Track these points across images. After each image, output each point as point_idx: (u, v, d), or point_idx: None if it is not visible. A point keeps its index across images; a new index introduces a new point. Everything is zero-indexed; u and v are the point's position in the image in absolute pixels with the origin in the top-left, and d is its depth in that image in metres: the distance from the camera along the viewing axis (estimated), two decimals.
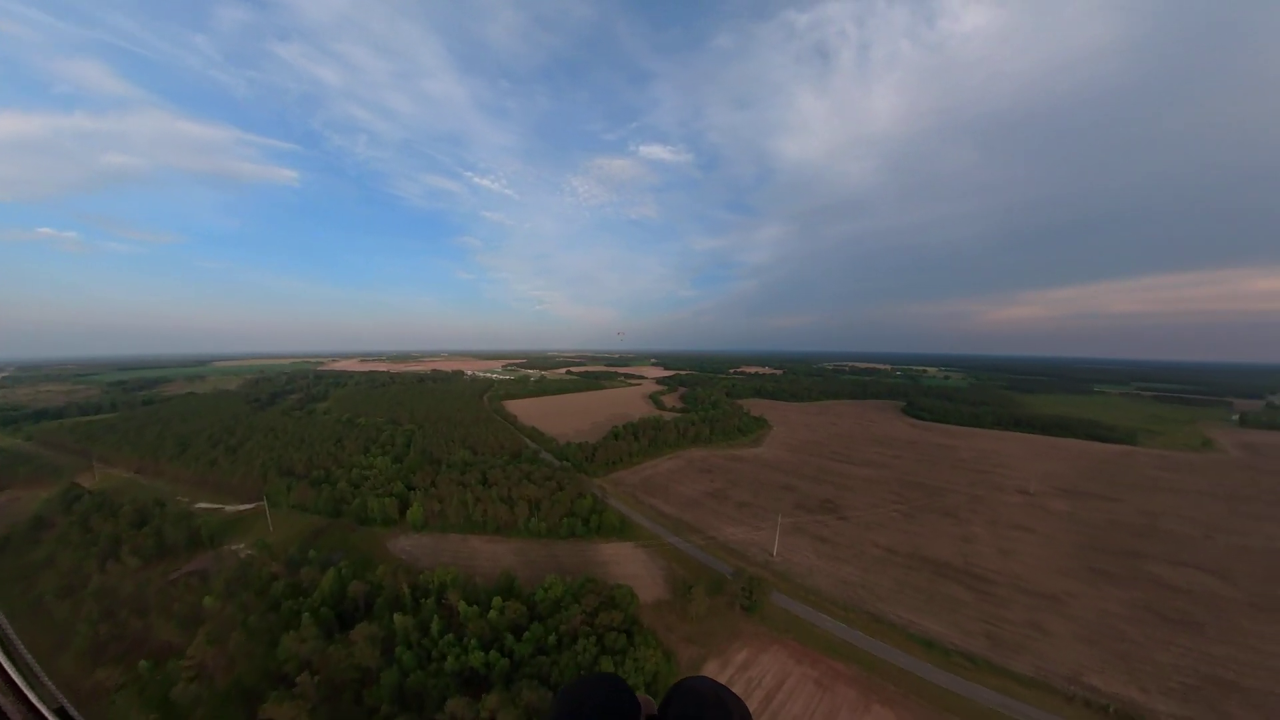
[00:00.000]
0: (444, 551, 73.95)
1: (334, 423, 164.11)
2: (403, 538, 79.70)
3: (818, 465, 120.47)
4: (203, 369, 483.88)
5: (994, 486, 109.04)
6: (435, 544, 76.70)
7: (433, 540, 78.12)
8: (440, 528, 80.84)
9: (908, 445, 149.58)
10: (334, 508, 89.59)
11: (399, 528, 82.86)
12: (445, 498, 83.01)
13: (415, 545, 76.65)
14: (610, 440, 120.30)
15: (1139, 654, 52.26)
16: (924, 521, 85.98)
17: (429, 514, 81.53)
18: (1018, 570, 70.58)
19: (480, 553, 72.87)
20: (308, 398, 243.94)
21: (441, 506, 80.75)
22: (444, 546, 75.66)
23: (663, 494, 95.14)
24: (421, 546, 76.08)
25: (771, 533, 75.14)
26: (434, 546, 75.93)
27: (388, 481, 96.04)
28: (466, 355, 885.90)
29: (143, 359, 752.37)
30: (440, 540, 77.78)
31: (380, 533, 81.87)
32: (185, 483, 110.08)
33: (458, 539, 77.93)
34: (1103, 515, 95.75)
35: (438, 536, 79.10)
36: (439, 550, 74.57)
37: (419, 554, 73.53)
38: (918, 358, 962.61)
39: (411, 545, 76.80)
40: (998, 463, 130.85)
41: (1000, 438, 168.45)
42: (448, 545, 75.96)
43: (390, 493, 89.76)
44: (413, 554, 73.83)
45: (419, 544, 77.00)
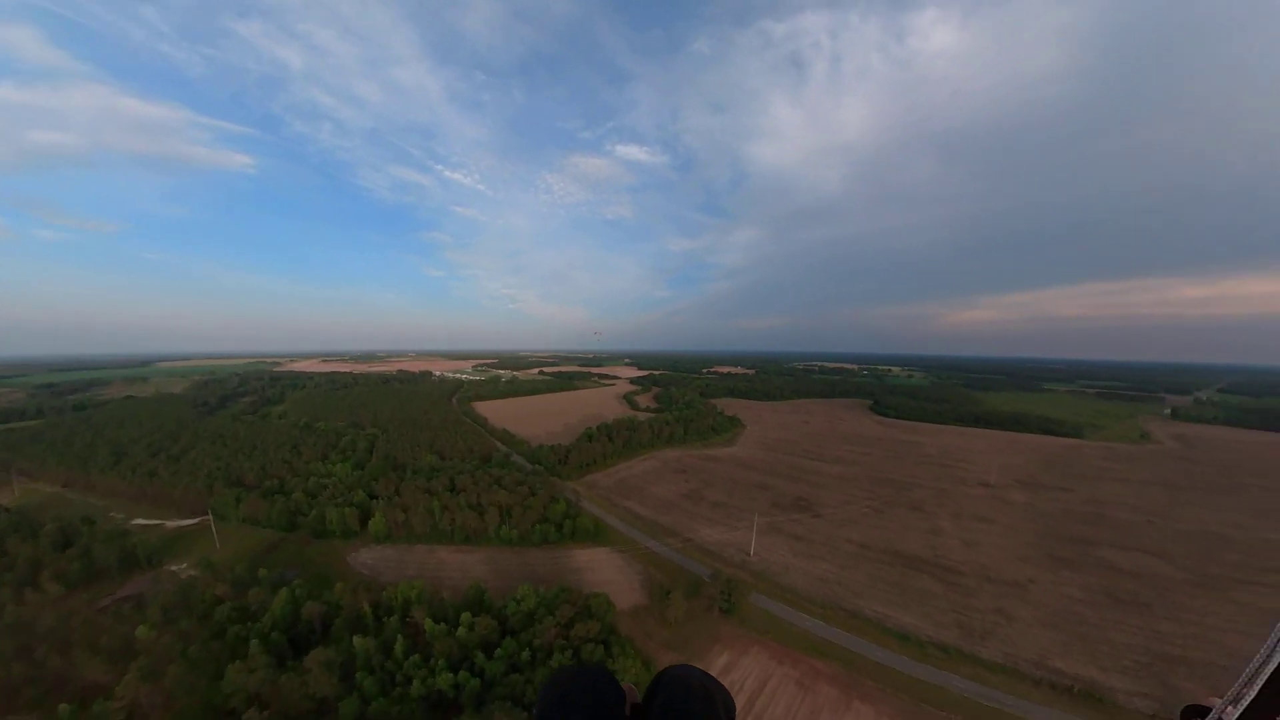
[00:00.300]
0: (409, 564, 70.21)
1: (290, 427, 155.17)
2: (364, 550, 75.33)
3: (791, 463, 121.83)
4: (145, 370, 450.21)
5: (958, 480, 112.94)
6: (400, 556, 72.78)
7: (397, 552, 74.13)
8: (405, 538, 76.84)
9: (876, 442, 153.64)
10: (288, 520, 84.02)
11: (360, 540, 78.31)
12: (410, 506, 79.00)
13: (378, 558, 72.53)
14: (584, 442, 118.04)
15: (1096, 635, 54.98)
16: (894, 516, 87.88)
17: (393, 524, 77.39)
18: (983, 560, 72.90)
19: (448, 564, 69.55)
20: (262, 401, 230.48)
21: (406, 516, 76.76)
22: (409, 559, 71.88)
23: (638, 496, 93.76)
24: (385, 559, 72.06)
25: (748, 532, 74.92)
26: (398, 559, 72.03)
27: (348, 490, 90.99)
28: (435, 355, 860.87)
29: (78, 359, 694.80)
30: (405, 552, 73.89)
31: (340, 546, 77.15)
32: (120, 497, 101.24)
33: (424, 550, 74.23)
34: (1057, 505, 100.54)
35: (402, 548, 75.13)
36: (404, 563, 70.78)
37: (382, 568, 69.56)
38: (883, 358, 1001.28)
39: (374, 558, 72.63)
40: (960, 457, 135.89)
41: (962, 433, 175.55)
42: (413, 557, 72.21)
43: (350, 502, 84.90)
44: (375, 568, 69.80)
45: (382, 557, 72.91)
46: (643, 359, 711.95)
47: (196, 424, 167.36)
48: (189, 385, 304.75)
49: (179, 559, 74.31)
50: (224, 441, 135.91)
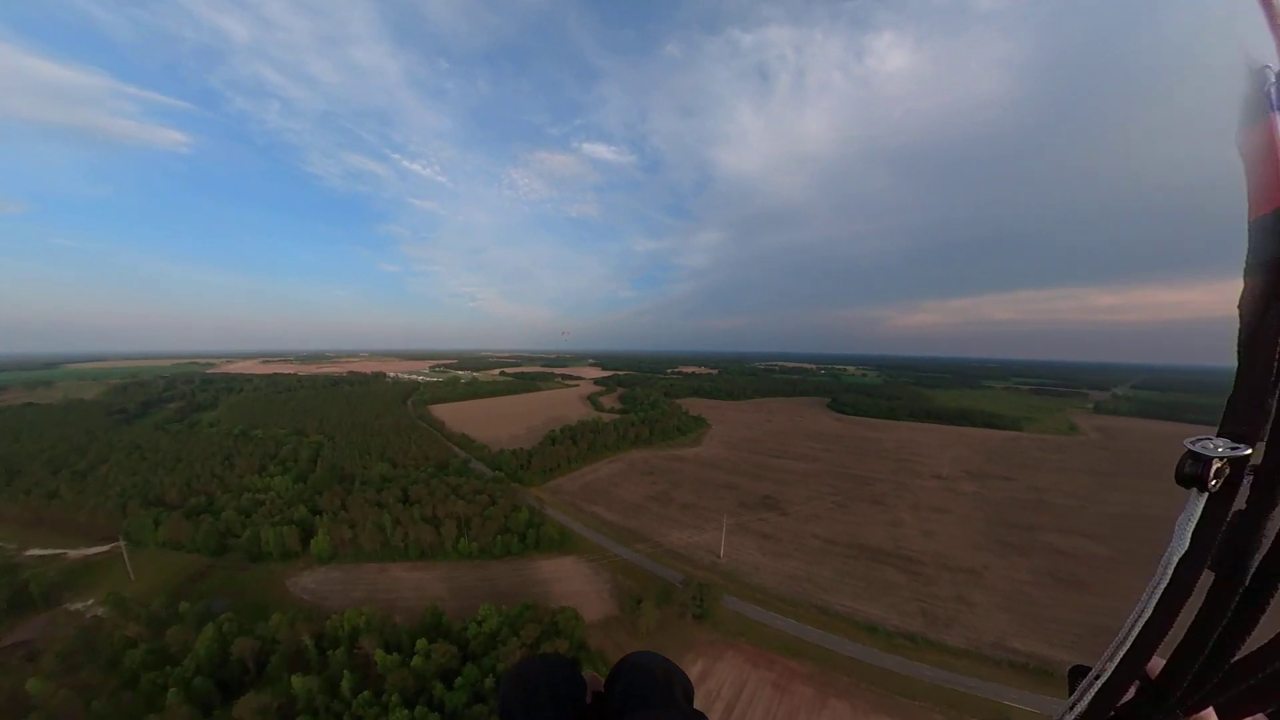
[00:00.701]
0: (358, 586, 64.71)
1: (222, 437, 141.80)
2: (306, 574, 68.88)
3: (756, 462, 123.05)
4: (50, 373, 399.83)
5: (913, 473, 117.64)
6: (347, 578, 67.02)
7: (344, 573, 68.24)
8: (353, 557, 70.90)
9: (836, 439, 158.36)
10: (217, 543, 75.78)
11: (302, 562, 71.58)
12: (358, 521, 73.09)
13: (322, 582, 66.47)
14: (547, 445, 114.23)
15: (1045, 614, 58.30)
16: (856, 510, 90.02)
17: (338, 542, 71.28)
18: (941, 549, 75.74)
19: (402, 583, 64.61)
20: (191, 407, 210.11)
21: (354, 532, 70.89)
22: (358, 580, 66.30)
23: (604, 500, 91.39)
24: (330, 582, 66.12)
25: (717, 533, 74.28)
26: (346, 581, 66.28)
27: (287, 506, 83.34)
28: (390, 355, 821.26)
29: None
30: (353, 572, 68.14)
31: (278, 570, 70.19)
32: (11, 523, 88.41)
33: (374, 569, 68.73)
34: (1003, 493, 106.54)
35: (350, 568, 69.26)
36: (351, 585, 65.17)
37: (327, 592, 63.70)
38: (839, 357, 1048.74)
39: (317, 582, 66.50)
40: (914, 451, 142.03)
41: (914, 428, 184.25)
42: (362, 578, 66.67)
43: (290, 519, 77.65)
44: (319, 593, 63.80)
45: (327, 580, 66.89)
46: (607, 359, 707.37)
47: (110, 435, 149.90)
48: (104, 390, 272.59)
49: (82, 595, 65.08)
50: (142, 454, 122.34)
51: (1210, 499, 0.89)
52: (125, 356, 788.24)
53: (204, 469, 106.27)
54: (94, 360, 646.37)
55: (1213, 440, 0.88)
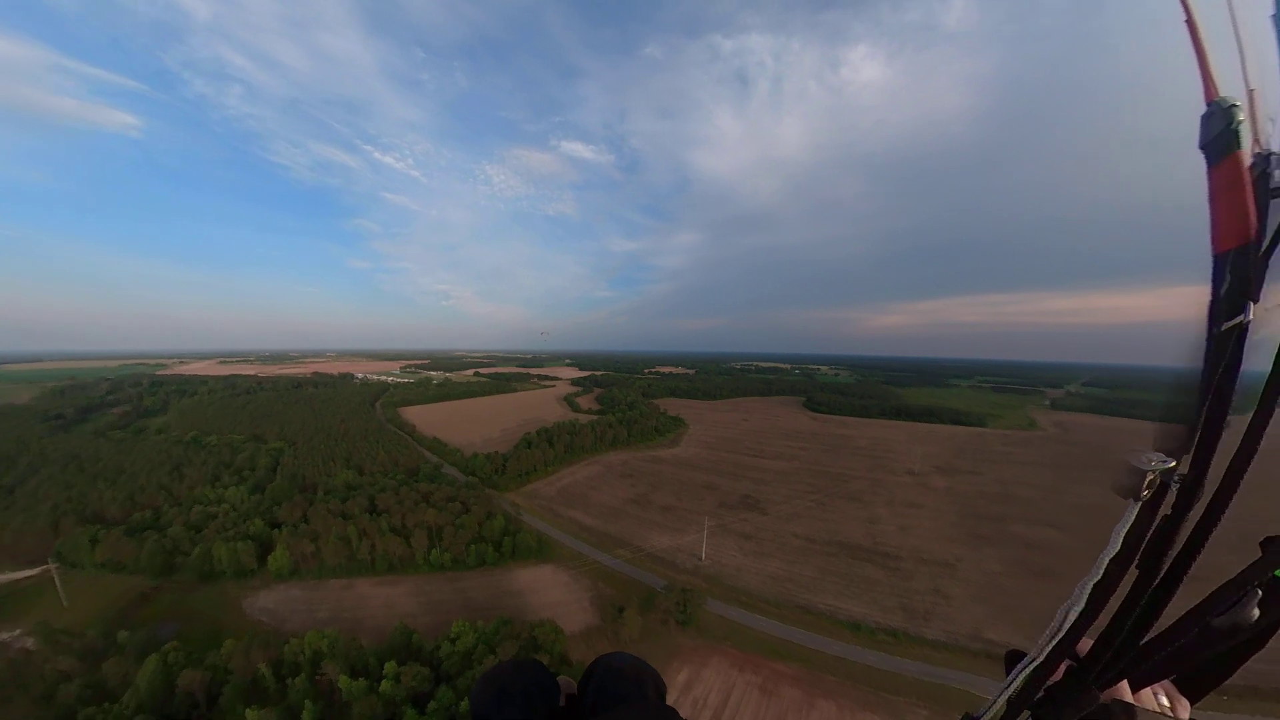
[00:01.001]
0: (321, 605, 60.82)
1: (172, 444, 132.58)
2: (264, 593, 64.35)
3: (735, 461, 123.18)
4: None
5: (887, 470, 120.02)
6: (309, 596, 62.93)
7: (305, 591, 64.06)
8: (315, 573, 66.66)
9: (812, 437, 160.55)
10: (163, 562, 70.12)
11: (258, 580, 66.86)
12: (321, 534, 68.85)
13: (281, 601, 62.17)
14: (522, 449, 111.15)
15: (1017, 604, 59.80)
16: (835, 508, 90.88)
17: (299, 557, 66.93)
18: (916, 544, 77.12)
19: (369, 600, 61.06)
20: (137, 411, 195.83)
21: (316, 546, 66.69)
22: (321, 598, 62.33)
23: (582, 505, 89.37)
24: (290, 602, 61.92)
25: (698, 536, 73.39)
26: (307, 600, 62.21)
27: (242, 519, 77.99)
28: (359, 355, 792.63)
29: None
30: (315, 590, 64.05)
31: (232, 590, 65.33)
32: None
33: (339, 585, 64.79)
34: (972, 487, 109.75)
35: (312, 586, 65.08)
36: (314, 604, 61.22)
37: (287, 613, 59.57)
38: (812, 357, 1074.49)
39: (276, 602, 62.17)
40: (887, 448, 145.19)
41: (886, 426, 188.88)
42: (326, 596, 62.73)
43: (245, 534, 72.60)
44: (278, 614, 59.59)
45: (286, 599, 62.62)
46: (584, 359, 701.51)
47: (44, 443, 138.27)
48: (39, 393, 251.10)
49: (8, 625, 59.05)
50: (80, 465, 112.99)
51: (1142, 507, 1.04)
52: (66, 357, 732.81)
53: (149, 480, 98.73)
54: (30, 361, 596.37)
55: (1149, 454, 0.99)
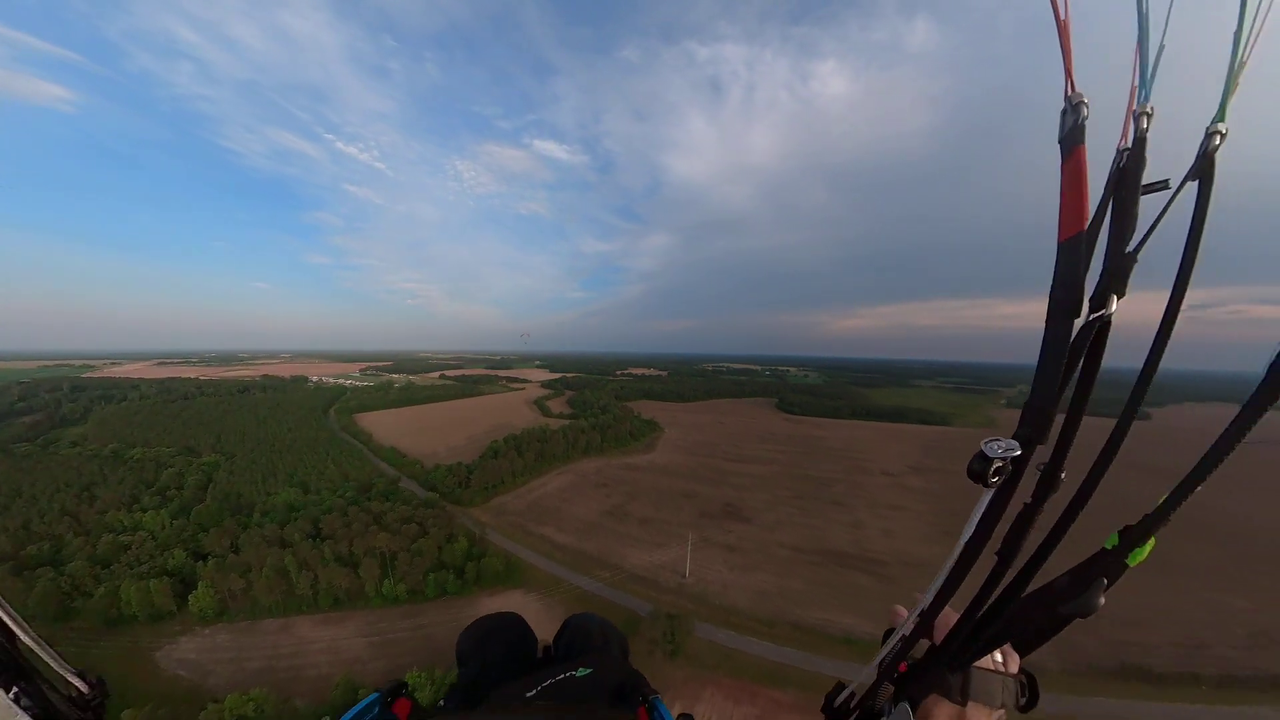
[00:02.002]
0: (252, 652, 52.60)
1: (86, 460, 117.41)
2: (184, 640, 55.30)
3: (713, 467, 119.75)
4: None
5: (864, 471, 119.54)
6: (238, 642, 54.44)
7: (234, 636, 55.47)
8: (247, 613, 58.06)
9: (788, 439, 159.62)
10: (60, 605, 59.73)
11: (178, 623, 57.63)
12: (254, 565, 60.24)
13: (204, 650, 53.47)
14: (489, 459, 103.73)
15: None
16: (818, 513, 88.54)
17: (227, 594, 58.18)
18: (899, 546, 75.55)
19: (310, 645, 53.27)
20: (52, 421, 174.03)
21: (247, 580, 58.14)
22: (252, 644, 54.03)
23: (555, 520, 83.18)
24: (215, 650, 53.34)
25: (680, 550, 68.96)
26: (236, 647, 53.75)
27: (160, 550, 67.95)
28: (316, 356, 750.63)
29: None
30: (247, 634, 55.60)
31: (144, 637, 55.84)
32: None
33: (275, 627, 56.58)
34: (944, 486, 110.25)
35: (242, 629, 56.55)
36: (244, 651, 52.90)
37: (211, 665, 51.11)
38: (781, 359, 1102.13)
39: (198, 651, 53.41)
40: (861, 449, 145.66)
41: (857, 426, 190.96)
42: (259, 641, 54.45)
43: (163, 568, 63.01)
44: (200, 667, 51.03)
45: (211, 647, 53.93)
46: (555, 361, 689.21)
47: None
48: None
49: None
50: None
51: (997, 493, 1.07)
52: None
53: (51, 505, 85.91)
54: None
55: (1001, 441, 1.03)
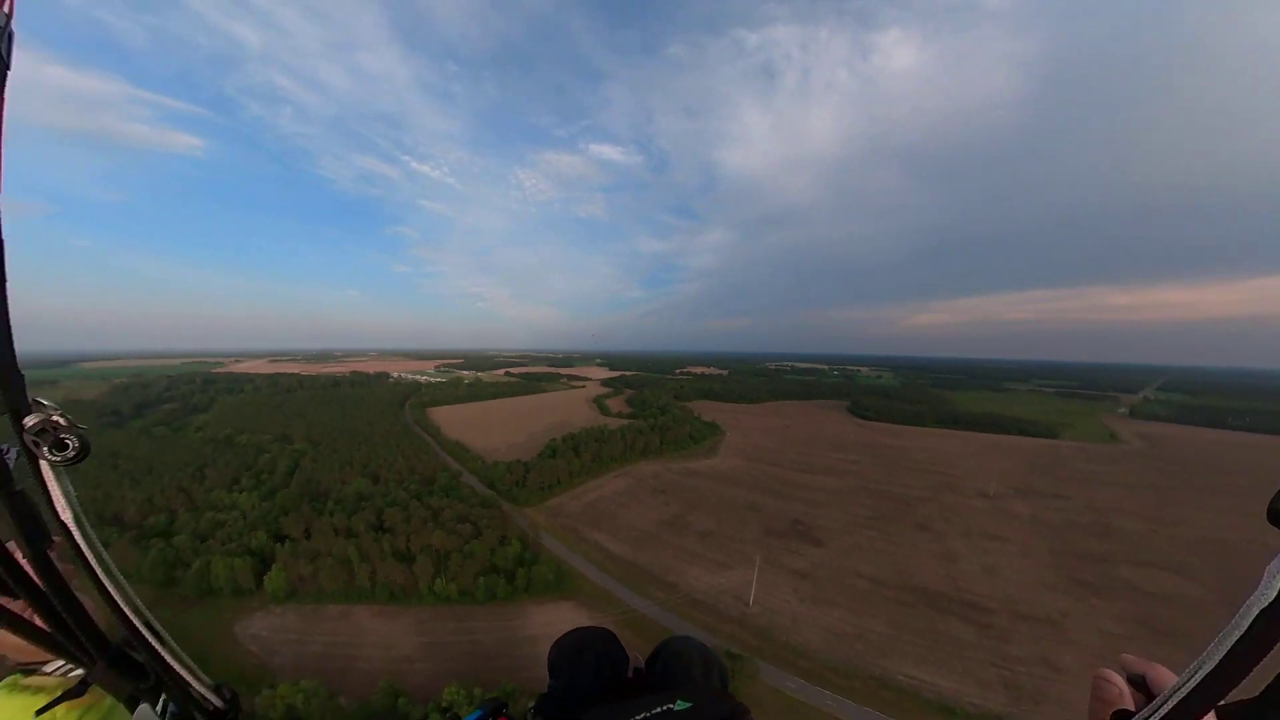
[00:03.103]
0: (314, 636, 54.15)
1: (204, 443, 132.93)
2: (258, 616, 58.44)
3: (780, 477, 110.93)
4: (60, 371, 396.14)
5: (954, 490, 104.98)
6: (304, 624, 56.48)
7: (301, 618, 57.71)
8: (313, 597, 60.33)
9: (862, 448, 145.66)
10: (165, 574, 65.77)
11: (255, 600, 61.22)
12: (322, 553, 62.58)
13: (275, 629, 55.97)
14: (546, 458, 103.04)
15: None
16: (901, 539, 77.79)
17: (297, 578, 60.81)
18: (1008, 591, 63.73)
19: (366, 635, 53.89)
20: (187, 409, 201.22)
21: (315, 567, 60.35)
22: (316, 627, 55.74)
23: (609, 526, 79.82)
24: (283, 630, 55.61)
25: (744, 571, 62.76)
26: (301, 628, 55.74)
27: (248, 530, 73.09)
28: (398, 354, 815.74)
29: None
30: (312, 617, 57.60)
31: (227, 610, 59.86)
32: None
33: (337, 613, 58.13)
34: (1059, 515, 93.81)
35: (309, 611, 58.73)
36: (308, 634, 54.63)
37: (278, 644, 53.22)
38: (849, 357, 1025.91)
39: (269, 629, 56.03)
40: (948, 463, 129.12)
41: (942, 436, 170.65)
42: (321, 625, 56.10)
43: (247, 548, 67.44)
44: (268, 645, 53.35)
45: (280, 627, 56.37)
46: (614, 359, 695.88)
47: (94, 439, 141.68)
48: (107, 389, 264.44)
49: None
50: (117, 463, 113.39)
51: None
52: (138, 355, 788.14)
53: (171, 482, 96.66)
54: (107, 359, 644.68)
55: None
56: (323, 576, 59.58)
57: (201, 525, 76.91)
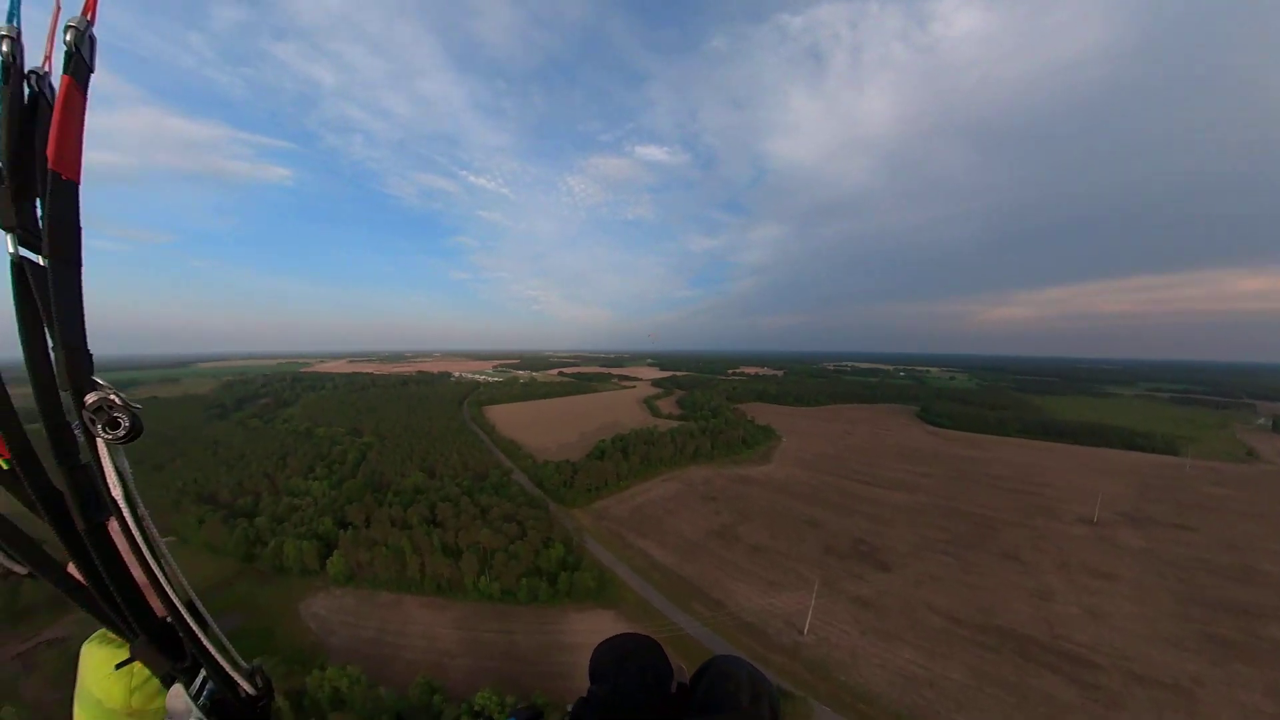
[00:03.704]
0: (368, 620, 56.29)
1: (287, 435, 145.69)
2: (321, 596, 61.92)
3: (841, 488, 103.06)
4: (182, 370, 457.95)
5: (1048, 513, 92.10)
6: (359, 608, 59.00)
7: (357, 601, 60.38)
8: (370, 583, 63.06)
9: (934, 459, 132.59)
10: (246, 551, 71.72)
11: (319, 580, 65.05)
12: (378, 542, 65.24)
13: (334, 609, 58.91)
14: (594, 460, 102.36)
15: None
16: (983, 569, 68.64)
17: (356, 564, 63.77)
18: (1118, 642, 53.67)
19: (412, 625, 55.18)
20: (278, 403, 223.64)
21: (371, 555, 62.96)
22: (369, 612, 57.97)
23: (656, 532, 77.14)
24: (341, 612, 58.36)
25: (797, 593, 57.90)
26: (357, 611, 58.25)
27: (318, 515, 78.12)
28: (460, 355, 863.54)
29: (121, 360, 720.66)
30: (367, 602, 60.07)
31: (295, 588, 64.09)
32: None
33: (389, 600, 60.20)
34: (1185, 551, 79.16)
35: (365, 595, 61.37)
36: (362, 618, 56.93)
37: (335, 624, 55.88)
38: (916, 357, 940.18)
39: (329, 609, 59.05)
40: (1040, 481, 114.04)
41: (1031, 448, 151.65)
42: (374, 610, 58.26)
43: (315, 532, 71.94)
44: (327, 624, 56.15)
45: (339, 608, 59.26)
46: (665, 359, 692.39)
47: (200, 428, 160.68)
48: (217, 386, 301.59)
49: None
50: (216, 449, 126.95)
51: None
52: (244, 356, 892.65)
53: (258, 468, 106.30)
54: (220, 360, 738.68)
55: None
56: (378, 565, 62.01)
57: (279, 508, 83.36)
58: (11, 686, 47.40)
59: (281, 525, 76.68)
